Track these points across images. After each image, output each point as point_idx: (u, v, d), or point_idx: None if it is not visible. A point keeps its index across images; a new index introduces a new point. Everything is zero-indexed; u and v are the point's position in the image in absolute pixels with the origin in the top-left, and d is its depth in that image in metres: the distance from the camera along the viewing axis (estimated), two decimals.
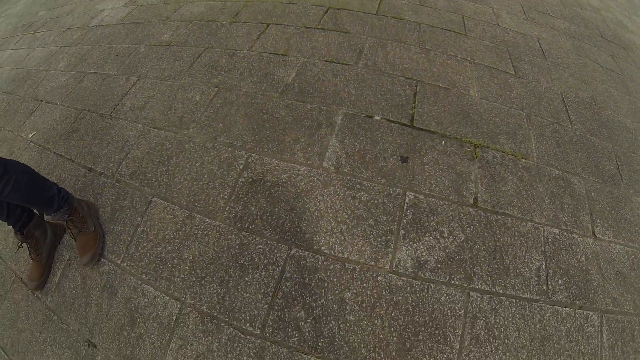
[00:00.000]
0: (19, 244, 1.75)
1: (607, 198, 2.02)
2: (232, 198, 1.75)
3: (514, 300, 1.53)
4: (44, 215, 1.86)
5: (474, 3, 3.79)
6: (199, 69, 2.66)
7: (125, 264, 1.69)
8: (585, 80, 3.03)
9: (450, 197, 1.76)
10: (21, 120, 2.85)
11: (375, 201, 1.70)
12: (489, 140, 2.08)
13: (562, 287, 1.60)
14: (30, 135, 2.63)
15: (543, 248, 1.67)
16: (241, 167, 1.88)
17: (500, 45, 3.07)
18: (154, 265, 1.65)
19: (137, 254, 1.69)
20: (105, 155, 2.19)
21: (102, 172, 2.09)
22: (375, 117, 2.06)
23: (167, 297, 1.57)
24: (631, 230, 1.91)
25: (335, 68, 2.46)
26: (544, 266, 1.63)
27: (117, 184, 1.99)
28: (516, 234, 1.70)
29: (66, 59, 3.66)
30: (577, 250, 1.72)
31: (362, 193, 1.72)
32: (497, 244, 1.65)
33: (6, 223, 1.67)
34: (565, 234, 1.76)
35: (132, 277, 1.65)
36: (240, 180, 1.82)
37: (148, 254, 1.68)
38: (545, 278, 1.60)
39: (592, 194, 2.00)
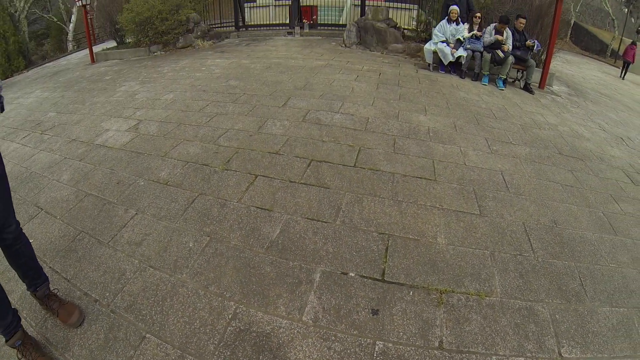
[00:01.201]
0: None
1: (572, 317, 2.25)
2: (221, 344, 2.01)
3: None
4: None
5: (443, 144, 4.35)
6: (192, 214, 3.03)
7: None
8: (546, 204, 3.44)
9: (417, 343, 2.02)
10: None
11: (348, 351, 1.97)
12: (455, 284, 2.39)
13: None
14: None
15: None
16: (230, 317, 2.17)
17: (467, 185, 3.53)
18: None
19: None
20: (101, 283, 2.43)
21: (97, 299, 2.31)
22: (350, 274, 2.42)
23: None
24: (599, 342, 2.12)
25: (316, 226, 2.85)
26: None
27: (112, 314, 2.21)
28: None
29: (69, 173, 4.02)
30: None
31: (336, 344, 2.01)
32: None
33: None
34: None
35: None
36: (229, 329, 2.09)
37: None
38: None
39: (557, 316, 2.23)
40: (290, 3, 14.16)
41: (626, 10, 34.44)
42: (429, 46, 8.14)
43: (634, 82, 17.97)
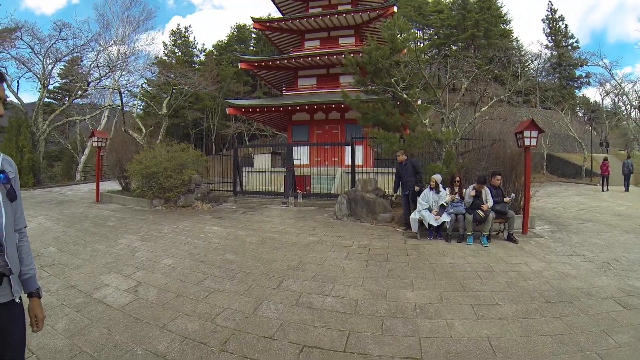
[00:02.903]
0: None
1: None
2: None
3: None
4: None
5: (430, 319, 4.58)
6: None
7: None
8: None
9: None
10: None
11: None
12: None
13: None
14: None
15: None
16: None
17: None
18: None
19: None
20: None
21: None
22: None
23: None
24: None
25: None
26: None
27: None
28: None
29: (65, 322, 4.26)
30: None
31: None
32: None
33: None
34: None
35: None
36: None
37: None
38: None
39: None
40: (285, 170, 15.58)
41: (589, 127, 37.93)
42: (414, 215, 8.92)
43: (612, 191, 20.09)
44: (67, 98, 38.21)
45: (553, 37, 60.30)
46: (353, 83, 14.68)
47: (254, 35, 64.83)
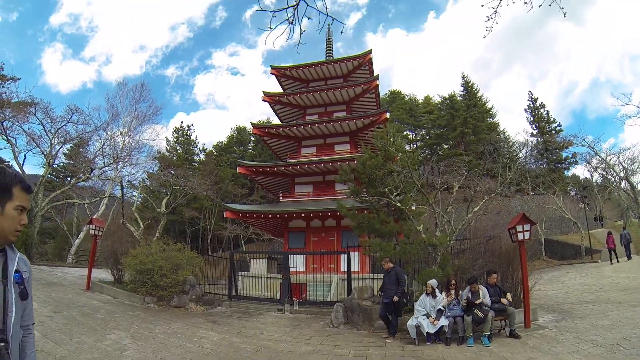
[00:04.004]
0: None
1: None
2: None
3: None
4: None
5: None
6: None
7: None
8: None
9: None
10: None
11: None
12: None
13: None
14: None
15: None
16: None
17: None
18: None
19: None
20: None
21: None
22: None
23: None
24: None
25: None
26: None
27: None
28: None
29: None
30: None
31: None
32: None
33: None
34: None
35: None
36: None
37: None
38: None
39: None
40: (281, 277, 15.49)
41: (583, 205, 37.29)
42: (411, 322, 8.75)
43: (615, 265, 19.96)
44: (69, 178, 38.67)
45: (537, 124, 63.19)
46: (348, 192, 15.18)
47: (252, 138, 67.91)
